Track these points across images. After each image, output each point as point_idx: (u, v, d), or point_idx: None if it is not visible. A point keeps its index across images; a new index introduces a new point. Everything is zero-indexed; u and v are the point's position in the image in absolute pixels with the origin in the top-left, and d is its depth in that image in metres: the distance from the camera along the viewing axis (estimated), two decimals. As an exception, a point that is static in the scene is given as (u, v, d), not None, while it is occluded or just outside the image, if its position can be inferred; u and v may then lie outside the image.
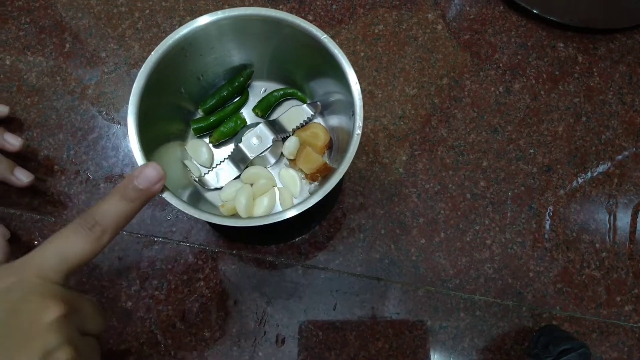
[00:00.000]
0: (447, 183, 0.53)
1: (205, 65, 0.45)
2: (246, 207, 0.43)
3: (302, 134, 0.47)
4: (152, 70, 0.39)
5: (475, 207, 0.52)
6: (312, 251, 0.50)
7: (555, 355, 0.43)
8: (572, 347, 0.43)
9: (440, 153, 0.53)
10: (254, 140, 0.45)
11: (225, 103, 0.48)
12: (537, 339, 0.46)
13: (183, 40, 0.40)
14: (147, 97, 0.39)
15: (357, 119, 0.38)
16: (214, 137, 0.47)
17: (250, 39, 0.44)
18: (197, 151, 0.47)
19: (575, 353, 0.42)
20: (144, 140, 0.38)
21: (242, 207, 0.43)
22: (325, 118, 0.49)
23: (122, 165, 0.52)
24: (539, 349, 0.45)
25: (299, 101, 0.49)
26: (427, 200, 0.52)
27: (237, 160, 0.46)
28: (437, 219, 0.51)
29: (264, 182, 0.45)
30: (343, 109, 0.43)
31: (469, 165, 0.53)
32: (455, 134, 0.54)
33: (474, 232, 0.51)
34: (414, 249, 0.50)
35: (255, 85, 0.50)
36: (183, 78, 0.44)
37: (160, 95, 0.42)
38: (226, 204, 0.44)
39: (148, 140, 0.39)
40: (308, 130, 0.47)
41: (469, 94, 0.56)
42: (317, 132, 0.47)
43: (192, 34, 0.41)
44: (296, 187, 0.46)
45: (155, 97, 0.40)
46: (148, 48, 0.56)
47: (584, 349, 0.42)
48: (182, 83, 0.45)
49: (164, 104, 0.43)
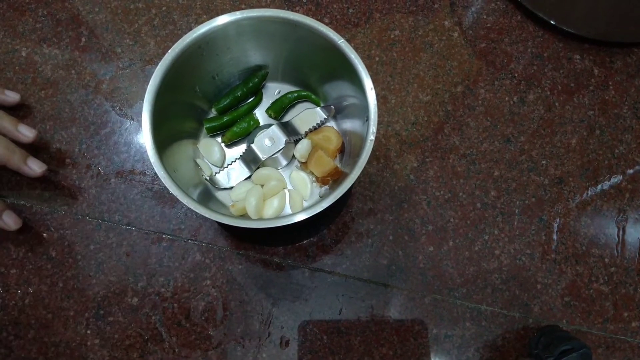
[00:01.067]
0: (458, 191, 0.53)
1: (221, 64, 0.45)
2: (256, 208, 0.44)
3: (314, 137, 0.47)
4: (168, 68, 0.40)
5: (485, 216, 0.52)
6: (320, 254, 0.50)
7: (556, 356, 0.43)
8: (573, 348, 0.43)
9: (451, 161, 0.53)
10: (266, 141, 0.45)
11: (239, 103, 0.49)
12: (538, 338, 0.46)
13: (201, 39, 0.41)
14: (162, 94, 0.40)
15: (371, 124, 0.39)
16: (227, 136, 0.47)
17: (267, 40, 0.44)
18: (209, 150, 0.47)
19: (576, 353, 0.42)
20: (157, 137, 0.39)
21: (252, 208, 0.44)
22: (338, 122, 0.49)
23: (133, 161, 0.52)
24: (539, 349, 0.45)
25: (312, 104, 0.49)
26: (437, 207, 0.52)
27: (249, 161, 0.47)
28: (446, 227, 0.51)
29: (274, 184, 0.46)
30: (357, 114, 0.43)
31: (480, 175, 0.53)
32: (467, 143, 0.54)
33: (482, 242, 0.51)
34: (422, 256, 0.50)
35: (270, 86, 0.50)
36: (198, 77, 0.45)
37: (175, 93, 0.42)
38: (236, 204, 0.44)
39: (161, 137, 0.39)
40: (320, 133, 0.47)
41: (483, 103, 0.56)
42: (329, 135, 0.47)
43: (210, 33, 0.41)
44: (306, 190, 0.46)
45: (170, 95, 0.41)
46: (164, 45, 0.56)
47: (585, 349, 0.42)
48: (197, 82, 0.45)
49: (178, 102, 0.43)
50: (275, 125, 0.46)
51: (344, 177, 0.40)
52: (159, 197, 0.51)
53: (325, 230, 0.51)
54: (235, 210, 0.44)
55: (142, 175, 0.52)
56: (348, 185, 0.37)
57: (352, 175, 0.38)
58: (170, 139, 0.42)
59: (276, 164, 0.47)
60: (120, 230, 0.50)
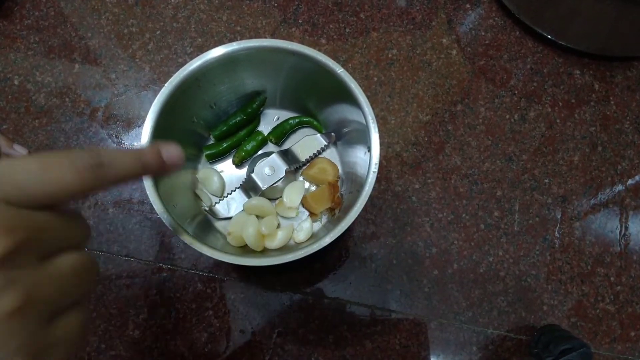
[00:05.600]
0: (461, 212, 0.53)
1: (218, 93, 0.46)
2: (256, 239, 0.43)
3: (309, 172, 0.47)
4: (165, 102, 0.40)
5: (489, 237, 0.52)
6: (323, 280, 0.50)
7: (556, 355, 0.43)
8: (572, 347, 0.43)
9: (453, 181, 0.54)
10: (266, 170, 0.45)
11: (238, 130, 0.49)
12: (538, 338, 0.47)
13: (197, 71, 0.41)
14: (159, 127, 0.40)
15: (374, 155, 0.39)
16: (237, 157, 0.48)
17: (264, 68, 0.45)
18: (209, 180, 0.47)
19: (576, 352, 0.43)
20: None
21: (252, 239, 0.43)
22: (338, 148, 0.49)
23: (131, 190, 0.52)
24: (539, 348, 0.46)
25: (313, 130, 0.50)
26: (440, 230, 0.52)
27: (249, 190, 0.47)
28: (450, 250, 0.52)
29: (270, 219, 0.45)
30: (358, 140, 0.43)
31: (482, 195, 0.54)
32: (469, 162, 0.55)
33: (487, 264, 0.52)
34: (426, 280, 0.51)
35: (268, 112, 0.50)
36: (196, 107, 0.45)
37: (173, 124, 0.42)
38: (233, 233, 0.44)
39: None
40: (315, 166, 0.47)
41: (484, 121, 0.56)
42: (324, 167, 0.47)
43: (206, 66, 0.41)
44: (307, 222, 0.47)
45: (168, 126, 0.41)
46: (159, 70, 0.57)
47: (585, 349, 0.43)
48: (195, 112, 0.45)
49: (176, 131, 0.43)
50: (275, 154, 0.46)
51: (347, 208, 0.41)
52: (158, 226, 0.51)
53: (328, 256, 0.51)
54: (233, 238, 0.44)
55: (141, 204, 0.52)
56: (352, 219, 0.38)
57: (356, 208, 0.38)
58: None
59: (276, 192, 0.47)
60: (119, 261, 0.50)
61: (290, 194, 0.46)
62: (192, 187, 0.47)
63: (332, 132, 0.48)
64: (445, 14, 0.60)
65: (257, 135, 0.48)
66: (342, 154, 0.49)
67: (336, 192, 0.46)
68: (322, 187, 0.46)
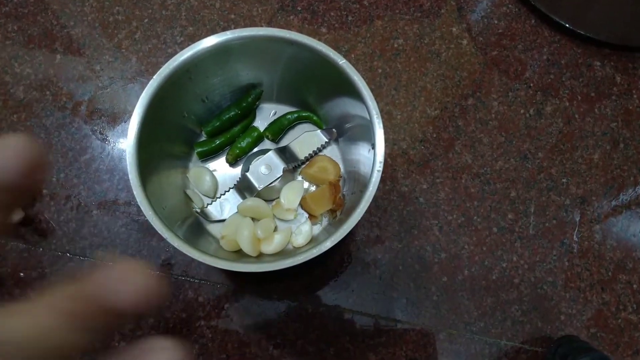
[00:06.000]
0: (472, 215, 0.52)
1: (210, 86, 0.44)
2: (252, 244, 0.42)
3: (308, 172, 0.46)
4: (153, 95, 0.39)
5: (502, 242, 0.51)
6: (323, 288, 0.49)
7: None
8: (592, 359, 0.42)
9: (464, 181, 0.53)
10: (262, 169, 0.44)
11: (232, 125, 0.47)
12: (555, 350, 0.46)
13: (188, 62, 0.40)
14: (147, 123, 0.38)
15: (378, 153, 0.38)
16: (231, 154, 0.47)
17: (259, 59, 0.43)
18: (200, 180, 0.46)
19: None
20: (143, 169, 0.37)
21: (246, 244, 0.42)
22: (340, 145, 0.48)
23: (116, 190, 0.51)
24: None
25: (313, 126, 0.49)
26: (450, 233, 0.51)
27: (243, 190, 0.46)
28: (460, 255, 0.51)
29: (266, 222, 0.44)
30: (361, 137, 0.42)
31: (495, 196, 0.52)
32: (481, 161, 0.53)
33: (500, 270, 0.51)
34: (434, 287, 0.50)
35: (264, 107, 0.49)
36: (186, 101, 0.44)
37: (162, 119, 0.41)
38: (226, 236, 0.43)
39: (148, 167, 0.38)
40: (315, 165, 0.46)
41: (497, 117, 0.55)
42: (325, 166, 0.46)
43: (198, 56, 0.40)
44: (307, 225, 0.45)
45: (157, 121, 0.40)
46: (147, 61, 0.55)
47: None
48: (186, 106, 0.44)
49: (165, 127, 0.42)
50: (272, 151, 0.45)
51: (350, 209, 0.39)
52: (146, 229, 0.50)
53: (329, 262, 0.50)
54: (226, 242, 0.43)
55: (127, 206, 0.50)
56: (354, 221, 0.37)
57: (358, 211, 0.37)
58: (158, 167, 0.41)
59: (272, 193, 0.46)
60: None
61: (288, 194, 0.45)
62: (183, 187, 0.46)
63: (333, 128, 0.47)
64: (455, 1, 0.59)
65: (252, 131, 0.47)
66: (344, 151, 0.48)
67: (338, 193, 0.45)
68: (322, 187, 0.45)
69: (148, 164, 0.38)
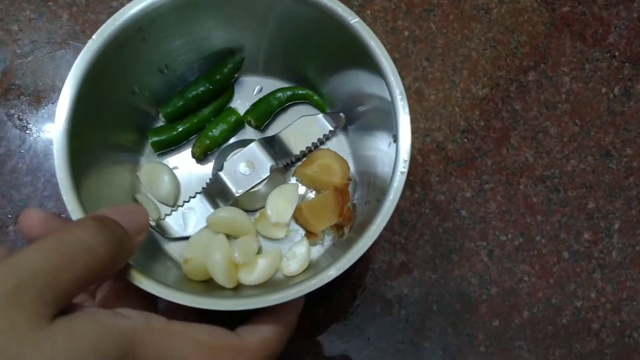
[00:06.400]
0: (534, 234, 0.52)
1: (171, 51, 0.45)
2: (226, 271, 0.42)
3: (305, 171, 0.46)
4: (91, 64, 0.38)
5: (576, 272, 0.51)
6: (328, 333, 0.49)
7: None
8: None
9: (523, 188, 0.53)
10: (242, 167, 0.44)
11: (201, 106, 0.48)
12: None
13: (141, 17, 0.40)
14: (82, 101, 0.38)
15: (402, 148, 0.38)
16: (199, 147, 0.47)
17: (240, 15, 0.43)
18: (156, 181, 0.46)
19: None
20: (76, 162, 0.37)
21: (219, 271, 0.42)
22: (350, 136, 0.48)
23: (41, 198, 0.51)
24: None
25: (312, 108, 0.49)
26: (503, 259, 0.51)
27: (215, 197, 0.46)
28: (517, 290, 0.51)
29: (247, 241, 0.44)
30: (379, 124, 0.42)
31: (566, 208, 0.53)
32: (546, 159, 0.54)
33: (573, 311, 0.51)
34: (482, 334, 0.50)
35: (246, 81, 0.49)
36: (138, 71, 0.44)
37: (104, 98, 0.41)
38: (191, 262, 0.43)
39: (83, 161, 0.38)
40: (314, 163, 0.46)
41: (568, 98, 0.55)
42: (328, 164, 0.46)
43: (154, 9, 0.40)
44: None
45: (96, 100, 0.40)
46: (83, 18, 0.56)
47: None
48: (137, 78, 0.44)
49: (108, 109, 0.43)
50: (255, 143, 0.45)
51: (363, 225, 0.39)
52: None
53: (335, 298, 0.50)
54: (191, 269, 0.43)
55: (54, 219, 0.51)
56: (368, 242, 0.36)
57: (374, 227, 0.37)
58: (97, 164, 0.41)
59: (256, 201, 0.46)
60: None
61: (277, 203, 0.45)
62: (131, 191, 0.46)
63: (340, 113, 0.47)
64: (511, -62, 0.59)
65: (228, 114, 0.47)
66: (356, 145, 0.48)
67: (346, 202, 0.44)
68: (324, 193, 0.45)
69: (84, 159, 0.39)
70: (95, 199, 0.38)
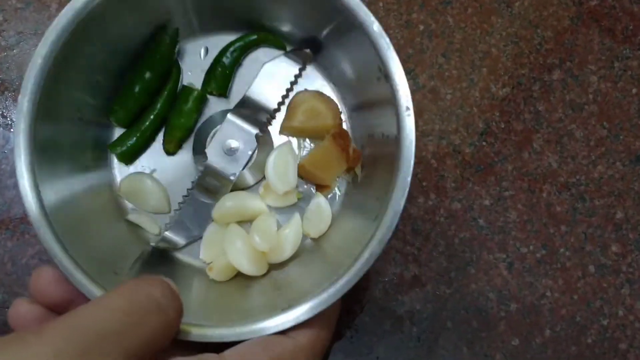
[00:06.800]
0: (557, 246, 0.51)
1: (97, 60, 0.42)
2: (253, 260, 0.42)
3: (291, 124, 0.45)
4: (42, 75, 0.37)
5: (603, 287, 0.50)
6: (333, 352, 0.49)
7: None
8: None
9: (546, 195, 0.52)
10: (226, 147, 0.44)
11: (152, 96, 0.46)
12: None
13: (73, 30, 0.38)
14: (41, 119, 0.37)
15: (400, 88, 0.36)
16: (170, 141, 0.46)
17: None
18: (139, 194, 0.45)
19: None
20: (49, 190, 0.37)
21: (246, 263, 0.42)
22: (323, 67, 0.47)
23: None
24: None
25: (271, 51, 0.47)
26: (524, 273, 0.50)
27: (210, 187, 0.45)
28: (539, 306, 0.50)
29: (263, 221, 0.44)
30: (358, 49, 0.40)
31: (593, 218, 0.52)
32: (571, 165, 0.52)
33: (599, 330, 0.50)
34: (500, 354, 0.49)
35: (188, 49, 0.47)
36: (74, 88, 0.42)
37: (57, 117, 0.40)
38: (215, 265, 0.43)
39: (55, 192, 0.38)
40: (297, 110, 0.45)
41: (596, 99, 0.54)
42: (313, 106, 0.45)
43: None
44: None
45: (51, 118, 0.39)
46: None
47: None
48: (75, 96, 0.42)
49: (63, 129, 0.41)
50: (229, 115, 0.44)
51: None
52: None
53: (342, 313, 0.46)
54: (216, 273, 0.43)
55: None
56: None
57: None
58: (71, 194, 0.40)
59: (251, 175, 0.46)
60: (3, 316, 0.47)
61: (277, 171, 0.45)
62: (119, 214, 0.45)
63: (305, 49, 0.46)
64: None
65: (186, 94, 0.46)
66: (334, 74, 0.47)
67: (348, 143, 0.44)
68: (322, 144, 0.44)
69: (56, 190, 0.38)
70: (76, 232, 0.38)
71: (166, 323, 0.28)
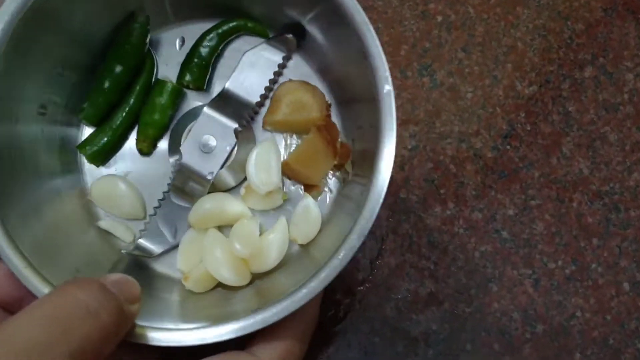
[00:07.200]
0: (588, 261, 0.50)
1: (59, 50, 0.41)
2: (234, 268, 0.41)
3: (275, 118, 0.44)
4: None
5: (639, 307, 0.50)
6: None
7: None
8: None
9: (576, 205, 0.51)
10: (202, 145, 0.42)
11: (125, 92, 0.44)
12: None
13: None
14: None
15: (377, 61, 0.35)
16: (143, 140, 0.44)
17: None
18: (112, 198, 0.44)
19: None
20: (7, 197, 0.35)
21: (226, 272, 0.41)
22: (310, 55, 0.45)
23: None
24: None
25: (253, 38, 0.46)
26: (552, 291, 0.50)
27: (187, 189, 0.43)
28: (568, 328, 0.49)
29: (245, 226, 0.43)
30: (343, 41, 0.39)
31: (628, 230, 0.51)
32: (604, 171, 0.52)
33: (635, 354, 0.49)
34: (525, 381, 0.47)
35: (163, 39, 0.46)
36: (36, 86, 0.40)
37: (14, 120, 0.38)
38: (191, 275, 0.42)
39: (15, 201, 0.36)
40: (281, 103, 0.44)
41: (631, 99, 0.53)
42: (298, 98, 0.44)
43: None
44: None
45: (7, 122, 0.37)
46: None
47: None
48: (36, 97, 0.41)
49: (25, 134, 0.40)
50: (206, 108, 0.42)
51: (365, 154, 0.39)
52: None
53: (350, 333, 0.49)
54: (192, 284, 0.41)
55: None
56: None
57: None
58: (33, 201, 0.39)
59: (232, 175, 0.44)
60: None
61: (259, 170, 0.43)
62: (89, 220, 0.44)
63: (287, 34, 0.44)
64: None
65: (160, 88, 0.44)
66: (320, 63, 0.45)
67: (335, 137, 0.43)
68: (307, 138, 0.43)
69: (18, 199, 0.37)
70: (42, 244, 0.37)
71: (100, 328, 0.26)
